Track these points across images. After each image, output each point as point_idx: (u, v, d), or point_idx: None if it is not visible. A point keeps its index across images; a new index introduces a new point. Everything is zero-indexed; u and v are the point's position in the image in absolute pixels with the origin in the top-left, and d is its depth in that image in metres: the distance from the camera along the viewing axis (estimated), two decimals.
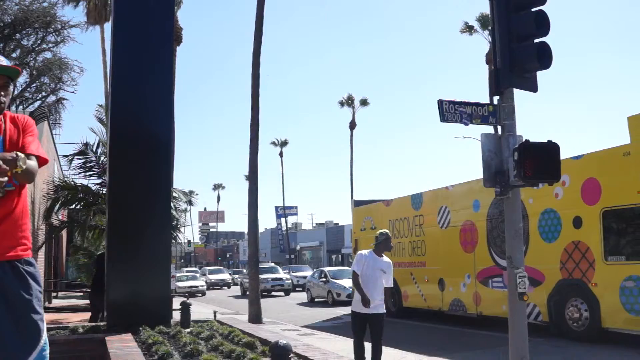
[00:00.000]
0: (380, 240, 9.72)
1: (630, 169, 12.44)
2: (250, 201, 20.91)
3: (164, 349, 7.45)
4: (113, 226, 10.63)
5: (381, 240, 9.71)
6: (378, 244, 9.73)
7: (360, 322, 9.60)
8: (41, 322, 3.90)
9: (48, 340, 4.02)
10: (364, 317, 9.48)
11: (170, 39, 11.64)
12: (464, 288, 17.46)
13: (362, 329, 9.61)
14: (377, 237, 9.81)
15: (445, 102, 8.32)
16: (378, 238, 9.77)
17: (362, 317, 9.50)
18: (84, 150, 18.38)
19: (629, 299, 12.33)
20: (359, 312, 9.52)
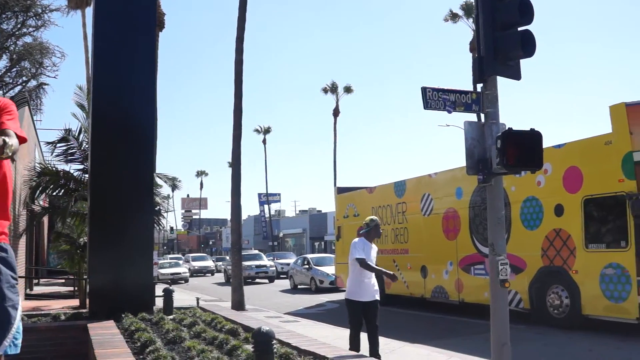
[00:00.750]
0: (371, 227, 9.66)
1: (612, 158, 12.52)
2: (233, 188, 20.87)
3: (147, 336, 7.44)
4: (95, 213, 10.59)
5: (372, 227, 9.65)
6: (369, 230, 9.67)
7: (359, 312, 9.39)
8: (12, 309, 3.73)
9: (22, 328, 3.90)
10: (363, 306, 9.32)
11: (152, 25, 11.56)
12: (446, 275, 17.55)
13: (361, 319, 9.42)
14: (368, 223, 9.72)
15: (428, 90, 8.31)
16: (369, 224, 9.69)
17: (361, 306, 9.33)
18: (66, 137, 18.20)
19: (609, 286, 12.45)
20: (359, 301, 9.32)
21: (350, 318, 9.51)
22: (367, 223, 9.67)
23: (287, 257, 45.86)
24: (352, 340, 9.38)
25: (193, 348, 6.87)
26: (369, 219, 9.77)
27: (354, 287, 9.42)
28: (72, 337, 9.19)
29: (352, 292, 9.44)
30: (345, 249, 23.04)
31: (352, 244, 9.54)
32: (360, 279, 9.37)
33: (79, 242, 17.81)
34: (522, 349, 10.66)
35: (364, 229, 9.67)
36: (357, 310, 9.38)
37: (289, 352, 6.52)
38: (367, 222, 9.72)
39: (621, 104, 12.45)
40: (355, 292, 9.38)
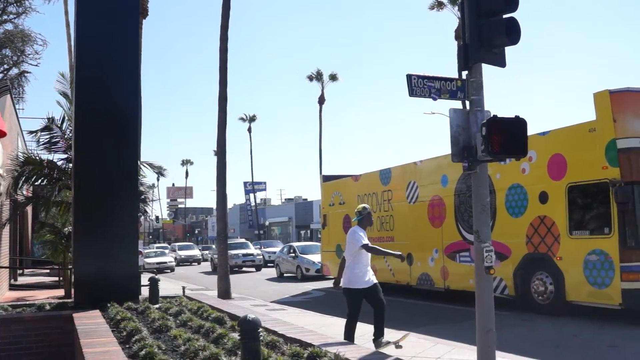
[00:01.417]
0: (364, 215, 9.69)
1: (596, 145, 12.58)
2: (218, 177, 20.83)
3: (133, 325, 7.43)
4: (79, 202, 10.54)
5: (365, 215, 9.69)
6: (362, 218, 9.69)
7: (359, 300, 9.39)
8: None
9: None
10: (363, 293, 9.34)
11: (135, 12, 11.50)
12: (431, 262, 17.60)
13: (360, 308, 9.42)
14: (361, 211, 9.73)
15: (414, 77, 8.32)
16: (362, 212, 9.70)
17: (362, 293, 9.33)
18: (49, 126, 18.08)
19: (592, 272, 12.54)
20: (360, 288, 9.32)
21: (349, 307, 9.45)
22: (360, 211, 9.70)
23: (274, 246, 45.83)
24: (349, 329, 9.39)
25: (179, 337, 6.87)
26: (361, 207, 9.79)
27: (352, 275, 9.39)
28: (58, 327, 9.17)
29: (351, 281, 9.40)
30: (332, 238, 23.27)
31: (351, 233, 9.53)
32: (359, 267, 9.37)
33: (63, 231, 17.73)
34: (507, 335, 10.74)
35: (357, 217, 9.68)
36: (358, 298, 9.39)
37: (275, 340, 6.53)
38: (359, 210, 9.74)
39: (605, 91, 12.49)
40: (354, 281, 9.36)
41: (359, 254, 9.40)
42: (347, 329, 9.45)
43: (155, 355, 5.83)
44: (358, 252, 9.37)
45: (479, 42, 8.16)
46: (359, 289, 9.33)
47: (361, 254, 9.42)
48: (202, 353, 5.86)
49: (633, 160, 12.17)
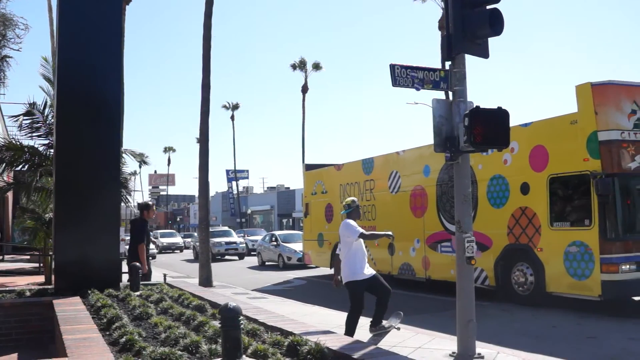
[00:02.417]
0: (353, 207, 9.66)
1: (577, 137, 12.65)
2: (201, 164, 20.78)
3: (113, 312, 7.41)
4: (60, 188, 10.47)
5: (354, 207, 9.66)
6: (351, 211, 9.67)
7: (363, 291, 9.30)
8: None
9: None
10: (366, 284, 9.28)
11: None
12: (413, 252, 17.67)
13: (363, 299, 9.32)
14: (350, 204, 9.63)
15: (397, 67, 8.34)
16: (350, 205, 9.64)
17: (365, 284, 9.27)
18: (30, 111, 17.94)
19: (573, 264, 12.65)
20: (363, 279, 9.24)
21: (353, 301, 9.32)
22: (349, 204, 9.66)
23: (257, 234, 45.64)
24: (352, 323, 9.30)
25: (160, 324, 6.86)
26: (350, 200, 9.74)
27: (353, 268, 9.29)
28: (38, 313, 9.12)
29: (352, 274, 9.28)
30: (314, 226, 23.31)
31: (345, 226, 9.42)
32: (357, 259, 9.31)
33: (44, 217, 17.62)
34: (487, 325, 10.81)
35: (345, 210, 9.67)
36: (362, 290, 9.30)
37: (256, 328, 6.54)
38: (348, 203, 9.69)
39: (587, 84, 12.55)
40: (356, 273, 9.27)
41: (355, 246, 9.32)
42: (350, 323, 9.32)
43: (135, 343, 5.81)
44: (354, 243, 9.29)
45: (462, 33, 8.20)
46: (361, 280, 9.25)
47: (358, 245, 9.35)
48: (182, 340, 5.85)
49: (614, 153, 12.25)
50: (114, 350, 5.74)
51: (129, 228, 13.58)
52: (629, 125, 12.44)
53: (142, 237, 12.04)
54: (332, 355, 5.38)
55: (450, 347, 8.73)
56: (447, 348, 8.76)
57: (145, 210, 12.46)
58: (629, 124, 12.46)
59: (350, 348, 5.59)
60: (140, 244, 11.90)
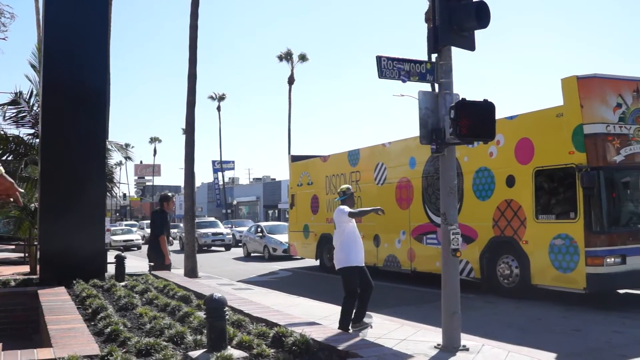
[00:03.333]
0: (347, 195, 9.76)
1: (563, 130, 12.69)
2: (186, 155, 20.74)
3: (98, 302, 7.39)
4: (45, 178, 10.43)
5: (348, 195, 9.77)
6: (345, 198, 9.73)
7: (357, 278, 9.34)
8: None
9: None
10: (358, 270, 9.38)
11: None
12: (398, 244, 17.71)
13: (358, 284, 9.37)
14: (345, 191, 9.79)
15: (383, 59, 8.34)
16: (345, 192, 9.78)
17: (357, 271, 9.36)
18: (16, 100, 17.83)
19: (557, 256, 12.71)
20: (356, 266, 9.34)
21: (349, 288, 9.35)
22: (344, 191, 9.80)
23: (245, 225, 45.39)
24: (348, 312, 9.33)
25: (145, 315, 6.85)
26: (345, 187, 9.92)
27: (347, 253, 9.37)
28: (22, 303, 9.09)
29: (346, 259, 9.35)
30: (299, 218, 23.33)
31: (337, 210, 9.56)
32: (352, 245, 9.39)
33: (29, 207, 17.53)
34: (472, 318, 10.84)
35: (340, 197, 9.75)
36: (356, 276, 9.35)
37: (241, 319, 6.54)
38: (343, 190, 9.85)
39: (572, 77, 12.59)
40: (349, 259, 9.34)
41: (349, 232, 9.41)
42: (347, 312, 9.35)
43: (120, 333, 5.81)
44: (347, 229, 9.39)
45: (448, 25, 8.22)
46: (355, 266, 9.34)
47: (351, 231, 9.44)
48: (167, 331, 5.85)
49: (599, 146, 12.30)
50: (99, 340, 5.73)
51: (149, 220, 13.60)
52: (614, 118, 12.50)
53: (162, 228, 12.02)
54: (317, 347, 5.39)
55: (435, 339, 8.76)
56: (432, 340, 8.79)
57: (165, 202, 12.46)
58: (614, 117, 12.52)
59: (335, 339, 5.61)
60: (161, 235, 11.88)
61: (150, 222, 13.00)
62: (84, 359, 4.79)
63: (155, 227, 12.21)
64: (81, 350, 5.04)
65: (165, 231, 12.04)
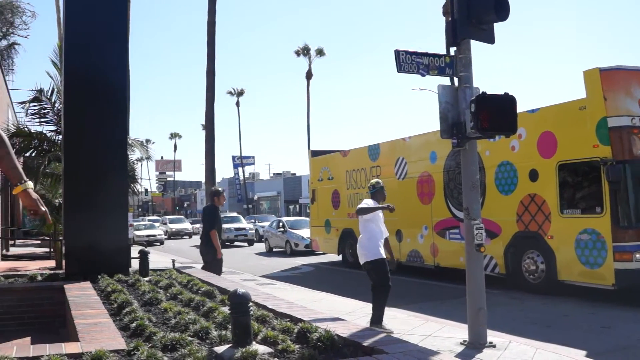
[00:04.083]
0: (377, 188, 9.85)
1: (586, 123, 12.56)
2: (207, 150, 20.86)
3: (123, 297, 7.45)
4: (69, 174, 10.54)
5: (378, 188, 9.86)
6: (375, 191, 9.82)
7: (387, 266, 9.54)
8: None
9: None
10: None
11: None
12: (421, 239, 17.66)
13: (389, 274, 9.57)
14: (374, 185, 9.91)
15: (402, 53, 8.29)
16: (375, 186, 9.88)
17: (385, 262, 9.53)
18: (38, 97, 18.02)
19: (584, 251, 12.56)
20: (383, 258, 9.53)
21: (384, 279, 9.49)
22: (373, 185, 9.91)
23: (268, 220, 45.42)
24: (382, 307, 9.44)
25: (170, 310, 6.89)
26: (374, 181, 10.02)
27: (376, 245, 9.55)
28: (49, 297, 9.19)
29: (377, 251, 9.53)
30: (320, 213, 23.33)
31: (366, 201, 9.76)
32: (378, 237, 9.58)
33: (54, 203, 17.70)
34: (498, 314, 10.79)
35: (370, 190, 9.87)
36: (387, 268, 9.52)
37: (265, 314, 6.55)
38: (372, 183, 9.97)
39: (595, 69, 12.45)
40: (379, 251, 9.52)
41: (371, 225, 9.59)
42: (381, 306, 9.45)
43: (146, 328, 5.84)
44: (370, 222, 9.58)
45: (467, 18, 8.14)
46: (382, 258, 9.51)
47: (373, 224, 9.60)
48: (192, 326, 5.87)
49: (624, 139, 12.14)
50: (124, 335, 5.77)
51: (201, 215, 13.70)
52: (639, 111, 12.36)
53: (213, 223, 12.07)
54: (342, 343, 5.38)
55: (461, 335, 8.69)
56: (457, 336, 8.72)
57: (215, 197, 12.49)
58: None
59: (361, 335, 5.60)
60: (212, 230, 11.95)
61: (202, 217, 13.10)
62: (110, 353, 4.82)
63: (207, 222, 12.27)
64: (108, 344, 5.08)
65: (216, 226, 12.07)
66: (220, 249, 11.88)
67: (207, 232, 11.93)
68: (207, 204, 14.31)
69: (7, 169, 3.92)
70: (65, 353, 4.87)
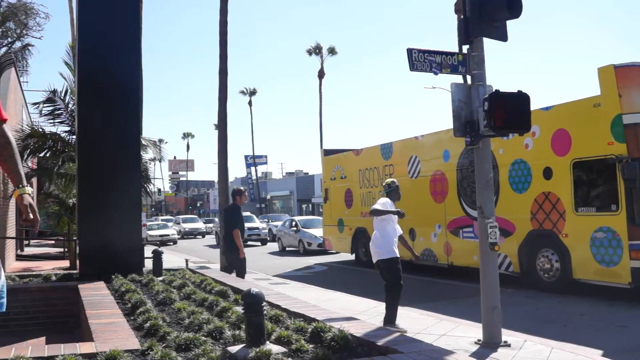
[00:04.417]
0: (392, 188, 9.87)
1: (601, 121, 12.44)
2: (219, 149, 20.82)
3: (137, 297, 7.47)
4: (83, 174, 10.60)
5: (393, 188, 9.88)
6: (390, 191, 9.86)
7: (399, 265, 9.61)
8: None
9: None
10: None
11: None
12: (434, 238, 17.60)
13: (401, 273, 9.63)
14: (390, 184, 9.94)
15: (414, 51, 8.25)
16: (390, 186, 9.90)
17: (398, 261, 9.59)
18: (51, 98, 18.13)
19: (600, 250, 12.42)
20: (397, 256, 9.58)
21: (397, 277, 9.54)
22: (389, 184, 9.95)
23: (281, 220, 45.40)
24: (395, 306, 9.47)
25: (183, 309, 6.90)
26: (390, 181, 10.05)
27: (390, 243, 9.59)
28: (63, 297, 9.25)
29: (391, 250, 9.58)
30: (333, 212, 23.31)
31: (381, 200, 9.79)
32: (392, 235, 9.60)
33: (67, 203, 17.79)
34: (513, 313, 10.69)
35: (386, 189, 9.93)
36: (398, 265, 9.58)
37: (279, 314, 6.55)
38: (388, 183, 10.00)
39: (610, 66, 12.34)
40: (393, 249, 9.57)
41: (385, 224, 9.60)
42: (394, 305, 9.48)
43: (160, 328, 5.85)
44: (383, 219, 9.58)
45: (479, 16, 8.11)
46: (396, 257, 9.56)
47: (387, 224, 9.61)
48: (206, 326, 5.88)
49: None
50: (138, 335, 5.80)
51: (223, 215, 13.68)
52: None
53: (235, 223, 12.08)
54: (356, 342, 5.37)
55: (475, 334, 8.64)
56: (472, 335, 8.66)
57: (237, 196, 12.50)
58: None
59: (375, 335, 5.59)
60: (235, 229, 11.97)
61: (224, 217, 13.07)
62: (125, 353, 4.83)
63: (229, 221, 12.27)
64: (122, 344, 5.09)
65: (238, 225, 12.07)
66: (242, 249, 11.88)
67: (230, 232, 11.93)
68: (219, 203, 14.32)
69: (9, 172, 3.93)
70: (80, 353, 4.89)
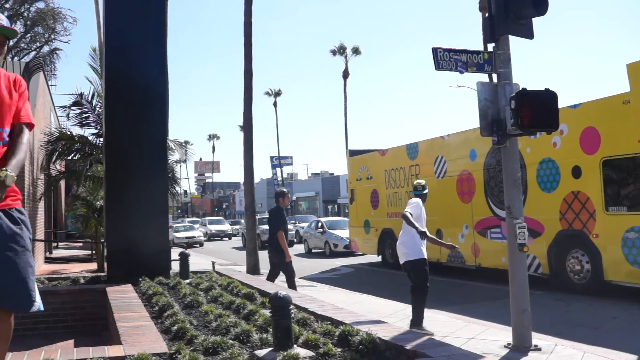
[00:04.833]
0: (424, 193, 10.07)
1: (630, 118, 12.23)
2: (245, 151, 20.85)
3: (165, 300, 7.49)
4: (110, 177, 10.67)
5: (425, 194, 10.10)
6: (421, 194, 10.01)
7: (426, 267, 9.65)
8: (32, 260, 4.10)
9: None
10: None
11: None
12: (462, 239, 17.46)
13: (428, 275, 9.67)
14: (424, 186, 10.15)
15: (439, 50, 8.19)
16: (423, 189, 10.08)
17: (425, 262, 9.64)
18: (79, 101, 18.32)
19: (632, 250, 12.18)
20: (424, 258, 9.62)
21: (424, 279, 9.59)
22: (423, 186, 10.15)
23: (307, 221, 45.09)
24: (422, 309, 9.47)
25: (210, 312, 6.91)
26: (423, 184, 10.22)
27: (418, 245, 9.65)
28: (92, 300, 9.31)
29: (419, 251, 9.63)
30: (360, 213, 23.26)
31: (408, 202, 9.90)
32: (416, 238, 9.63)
33: (95, 205, 17.94)
34: (542, 316, 10.53)
35: (420, 190, 10.10)
36: (425, 267, 9.62)
37: (306, 317, 6.52)
38: (422, 185, 10.18)
39: (639, 62, 12.20)
40: (421, 251, 9.62)
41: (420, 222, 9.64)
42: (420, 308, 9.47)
43: (187, 331, 5.86)
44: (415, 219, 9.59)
45: (505, 14, 8.04)
46: (424, 258, 9.60)
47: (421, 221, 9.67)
48: (233, 329, 5.87)
49: None
50: (166, 338, 5.80)
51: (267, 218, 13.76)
52: None
53: (279, 225, 12.10)
54: (384, 346, 5.32)
55: (504, 337, 8.52)
56: (501, 339, 8.54)
57: (280, 198, 12.54)
58: None
59: (403, 338, 5.53)
60: (279, 231, 11.97)
61: (268, 219, 13.11)
62: (153, 356, 4.83)
63: (273, 223, 12.29)
64: (150, 348, 5.10)
65: (282, 227, 12.07)
66: (288, 252, 11.91)
67: (274, 234, 11.92)
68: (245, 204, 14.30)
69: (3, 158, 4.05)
70: (109, 356, 4.91)
